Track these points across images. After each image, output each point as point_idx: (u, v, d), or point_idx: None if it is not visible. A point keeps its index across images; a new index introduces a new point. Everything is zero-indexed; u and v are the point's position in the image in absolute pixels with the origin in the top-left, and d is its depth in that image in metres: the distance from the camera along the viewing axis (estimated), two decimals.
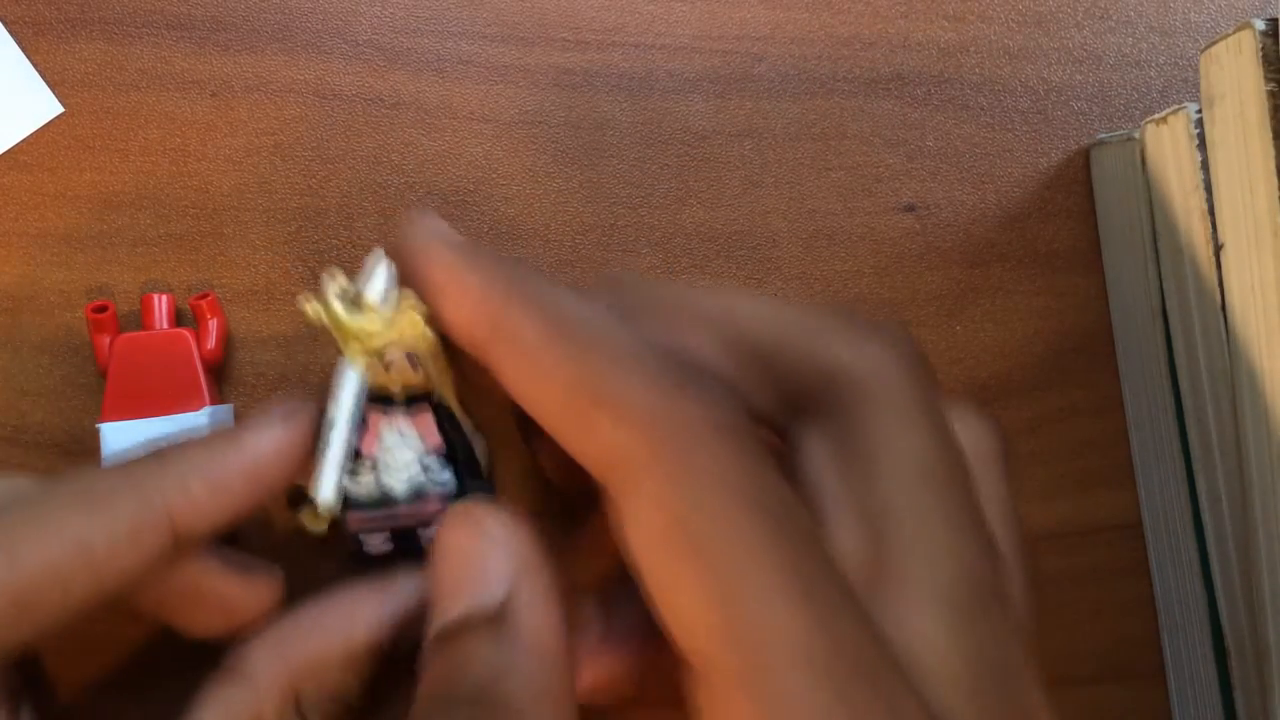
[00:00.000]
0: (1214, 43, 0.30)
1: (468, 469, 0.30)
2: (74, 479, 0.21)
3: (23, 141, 0.32)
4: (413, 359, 0.31)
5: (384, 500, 0.29)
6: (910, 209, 0.36)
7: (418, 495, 0.29)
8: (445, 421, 0.31)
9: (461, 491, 0.30)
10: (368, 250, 0.33)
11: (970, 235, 0.36)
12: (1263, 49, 0.29)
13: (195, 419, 0.30)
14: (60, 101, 0.33)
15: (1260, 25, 0.29)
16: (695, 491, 0.16)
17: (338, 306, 0.28)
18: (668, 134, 0.35)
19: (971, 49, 0.37)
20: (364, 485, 0.29)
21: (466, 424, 0.32)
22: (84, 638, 0.27)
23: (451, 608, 0.20)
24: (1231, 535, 0.32)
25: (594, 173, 0.35)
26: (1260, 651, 0.31)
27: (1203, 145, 0.32)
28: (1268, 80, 0.29)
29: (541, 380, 0.19)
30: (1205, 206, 0.32)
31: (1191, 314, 0.33)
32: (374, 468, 0.29)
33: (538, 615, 0.20)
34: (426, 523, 0.29)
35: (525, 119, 0.35)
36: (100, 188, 0.33)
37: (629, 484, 0.17)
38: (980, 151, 0.37)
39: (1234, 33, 0.29)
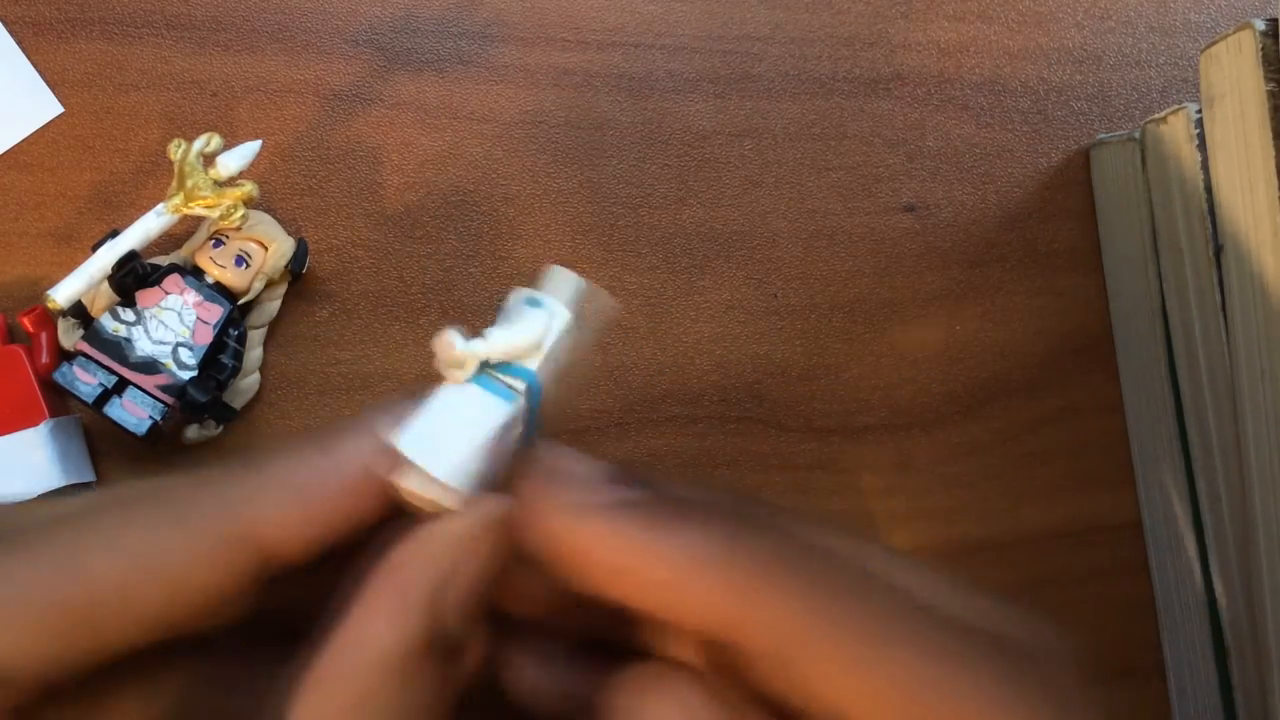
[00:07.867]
0: (1214, 43, 0.30)
1: (208, 381, 0.30)
2: (154, 491, 0.20)
3: (23, 141, 0.32)
4: (243, 259, 0.30)
5: (118, 350, 0.29)
6: (910, 209, 0.36)
7: (149, 367, 0.30)
8: (231, 332, 0.31)
9: (182, 392, 0.30)
10: (368, 249, 0.33)
11: (970, 235, 0.36)
12: (1263, 49, 0.29)
13: (36, 434, 0.30)
14: (60, 101, 0.33)
15: (1260, 25, 0.29)
16: None
17: (194, 155, 0.29)
18: (668, 134, 0.35)
19: (971, 49, 0.37)
20: (112, 327, 0.30)
21: (253, 359, 0.31)
22: None
23: None
24: (1231, 535, 0.32)
25: (594, 173, 0.35)
26: (1260, 651, 0.31)
27: (1203, 145, 0.32)
28: (1268, 80, 0.29)
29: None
30: (1205, 206, 0.32)
31: (1191, 314, 0.33)
32: (137, 321, 0.30)
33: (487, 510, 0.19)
34: (142, 391, 0.29)
35: (525, 119, 0.35)
36: (100, 188, 0.33)
37: None
38: (980, 151, 0.37)
39: (1234, 33, 0.29)
